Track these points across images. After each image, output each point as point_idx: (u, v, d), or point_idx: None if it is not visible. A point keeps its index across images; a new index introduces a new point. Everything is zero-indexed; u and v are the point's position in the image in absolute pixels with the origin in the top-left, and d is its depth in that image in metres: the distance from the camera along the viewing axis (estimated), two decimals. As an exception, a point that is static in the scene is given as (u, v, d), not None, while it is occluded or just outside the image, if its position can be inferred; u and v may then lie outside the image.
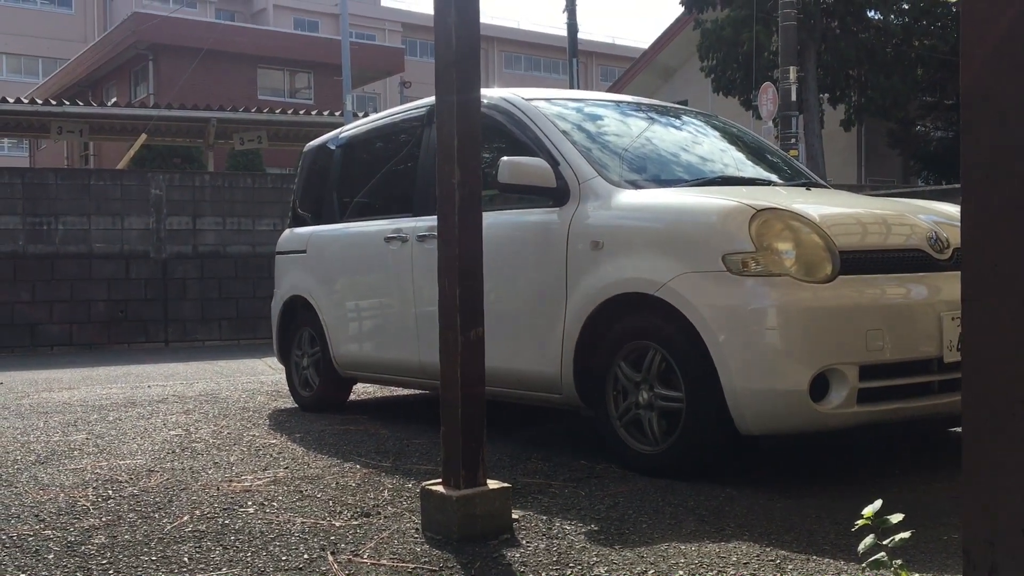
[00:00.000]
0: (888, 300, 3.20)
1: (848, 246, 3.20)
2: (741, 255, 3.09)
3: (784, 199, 3.45)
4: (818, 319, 3.06)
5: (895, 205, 3.79)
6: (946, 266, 3.38)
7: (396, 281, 4.59)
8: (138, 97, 26.94)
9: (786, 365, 3.04)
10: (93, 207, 12.58)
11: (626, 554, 2.49)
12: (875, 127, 25.08)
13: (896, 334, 3.15)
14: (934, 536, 2.61)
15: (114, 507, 3.06)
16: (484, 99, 3.93)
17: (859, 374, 3.08)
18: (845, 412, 3.07)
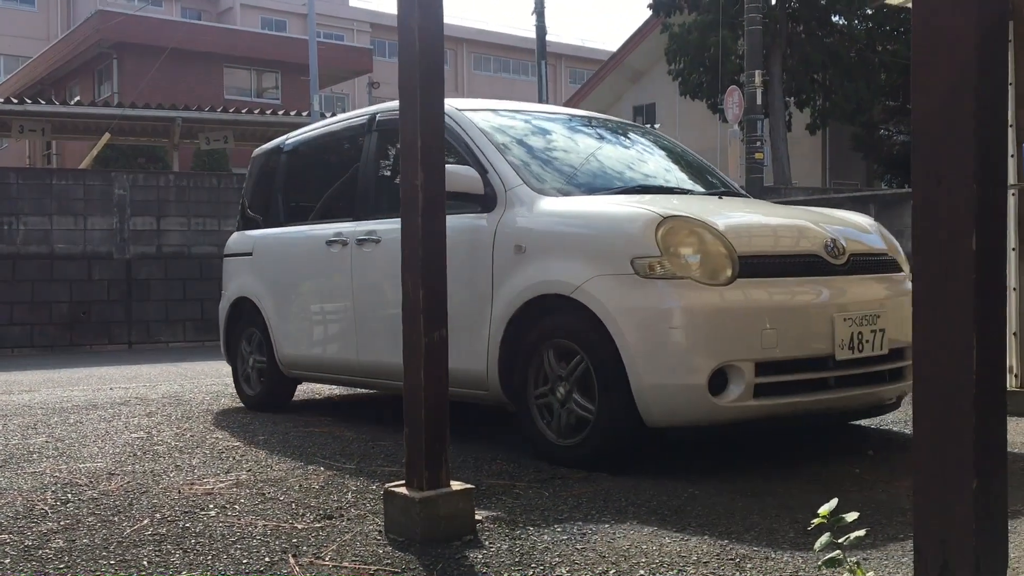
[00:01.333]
0: (782, 301, 3.42)
1: (748, 251, 3.41)
2: (648, 259, 3.31)
3: (693, 207, 3.65)
4: (716, 319, 3.28)
5: (801, 213, 4.00)
6: (841, 270, 3.60)
7: (336, 283, 4.73)
8: (102, 96, 26.59)
9: (686, 361, 3.26)
10: (55, 207, 12.42)
11: (588, 554, 2.50)
12: (840, 131, 25.39)
13: (789, 333, 3.37)
14: (890, 534, 2.65)
15: (73, 511, 3.03)
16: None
17: (755, 370, 3.30)
18: (743, 405, 3.30)
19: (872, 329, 3.57)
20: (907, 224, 6.66)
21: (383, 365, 4.42)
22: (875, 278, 3.78)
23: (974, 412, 1.43)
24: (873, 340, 3.57)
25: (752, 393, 3.31)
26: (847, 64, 22.31)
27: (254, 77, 28.74)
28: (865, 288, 3.67)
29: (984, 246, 1.44)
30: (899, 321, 3.68)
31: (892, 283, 3.84)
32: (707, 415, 3.32)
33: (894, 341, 3.67)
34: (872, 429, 4.41)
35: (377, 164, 4.68)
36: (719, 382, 3.29)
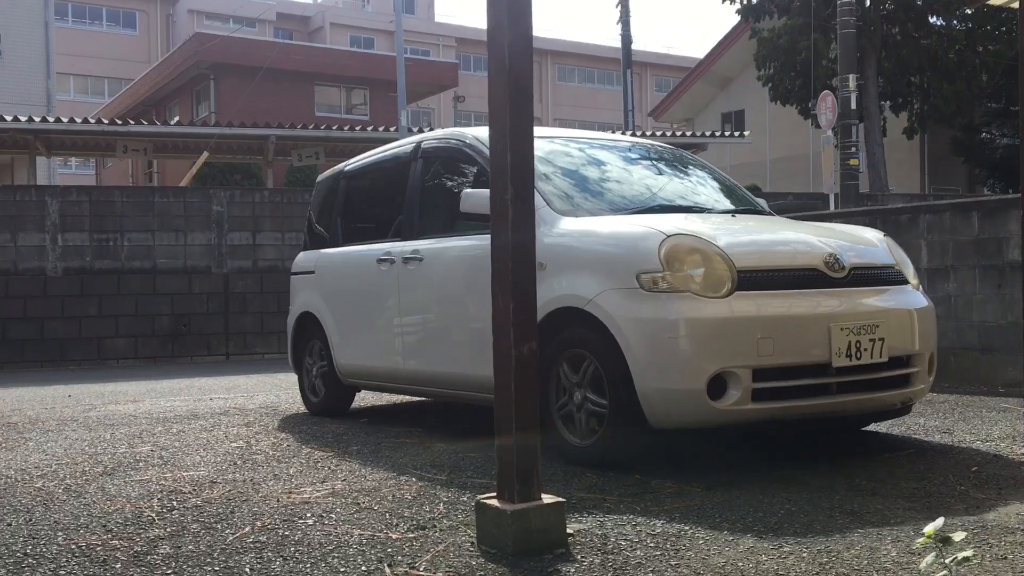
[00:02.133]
0: (778, 312, 3.63)
1: (747, 266, 3.67)
2: (651, 274, 3.60)
3: (700, 226, 3.90)
4: (715, 328, 3.54)
5: (809, 230, 4.23)
6: (841, 283, 3.82)
7: (385, 298, 5.16)
8: (200, 115, 27.57)
9: (686, 368, 3.52)
10: (157, 223, 12.90)
11: (682, 571, 2.47)
12: (939, 135, 24.55)
13: (785, 341, 3.60)
14: (998, 554, 2.55)
15: (178, 518, 3.13)
16: (460, 137, 4.96)
17: (752, 376, 3.54)
18: (741, 409, 3.55)
19: (871, 338, 3.74)
20: (1012, 232, 6.40)
21: (425, 372, 4.88)
22: (877, 290, 3.96)
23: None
24: (872, 348, 3.74)
25: (750, 397, 3.54)
26: (946, 66, 21.58)
27: (343, 94, 29.39)
28: (865, 299, 3.85)
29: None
30: (900, 330, 3.89)
31: (895, 295, 4.02)
32: (706, 418, 3.56)
33: (894, 349, 3.84)
34: (977, 447, 4.25)
35: (421, 188, 5.11)
36: (718, 387, 3.52)
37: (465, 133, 4.95)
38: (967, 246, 6.72)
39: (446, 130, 5.27)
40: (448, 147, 5.02)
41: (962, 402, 5.73)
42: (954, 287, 6.79)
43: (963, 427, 4.77)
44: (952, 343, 6.78)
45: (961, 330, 6.73)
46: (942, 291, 6.86)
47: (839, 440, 4.43)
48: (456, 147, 4.93)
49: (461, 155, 4.87)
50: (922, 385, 4.11)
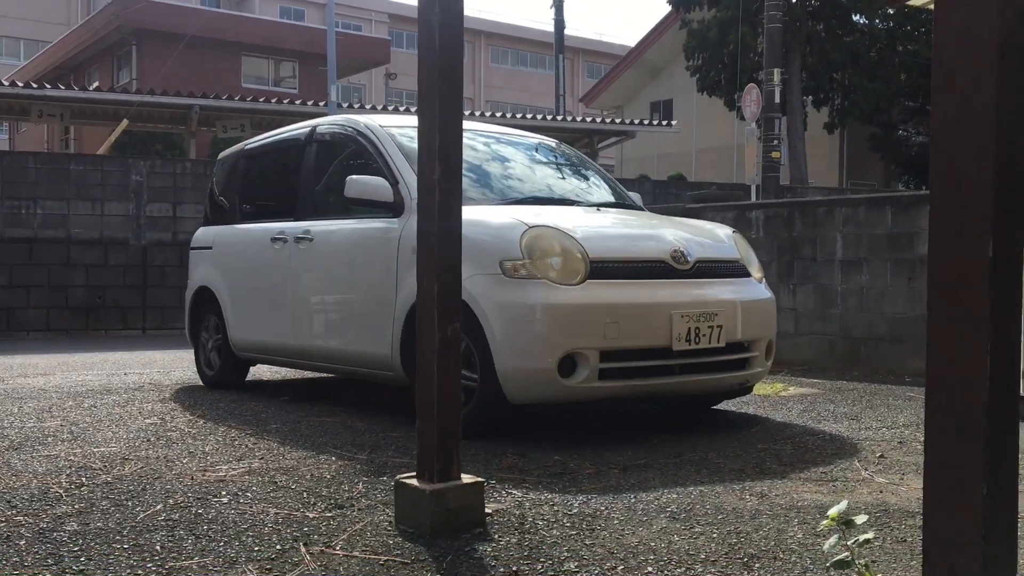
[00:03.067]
0: (625, 300, 3.97)
1: (600, 257, 4.00)
2: (513, 261, 3.92)
3: (563, 218, 4.21)
4: (566, 313, 3.86)
5: (663, 224, 4.60)
6: (685, 275, 4.20)
7: (277, 276, 5.36)
8: (120, 82, 26.72)
9: (539, 349, 3.85)
10: (72, 192, 12.49)
11: (597, 550, 2.51)
12: (858, 131, 25.26)
13: (630, 326, 3.93)
14: (899, 537, 2.65)
15: (87, 495, 3.06)
16: (353, 124, 5.12)
17: (600, 357, 3.88)
18: (589, 386, 3.90)
19: (710, 325, 4.12)
20: (923, 227, 6.63)
21: (312, 348, 5.11)
22: (719, 282, 4.34)
23: (986, 417, 1.44)
24: (711, 335, 4.12)
25: (597, 376, 3.89)
26: (867, 64, 22.18)
27: (272, 66, 28.82)
28: (706, 290, 4.24)
29: (1001, 252, 1.44)
30: (738, 319, 4.26)
31: (736, 287, 4.40)
32: (558, 394, 3.92)
33: (732, 336, 4.22)
34: (882, 435, 4.40)
35: (315, 171, 5.31)
36: (568, 366, 3.86)
37: (358, 120, 5.12)
38: (880, 240, 6.94)
39: (340, 116, 5.43)
40: (341, 133, 5.20)
41: (870, 390, 5.93)
42: (867, 279, 7.01)
43: (870, 415, 4.94)
44: (863, 334, 7.01)
45: (872, 321, 6.96)
46: (855, 283, 7.08)
47: (750, 425, 4.55)
48: (349, 133, 5.10)
49: (353, 141, 5.04)
50: (759, 369, 4.50)
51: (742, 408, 5.12)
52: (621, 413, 4.93)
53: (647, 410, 5.03)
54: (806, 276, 7.40)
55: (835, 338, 7.20)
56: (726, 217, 8.02)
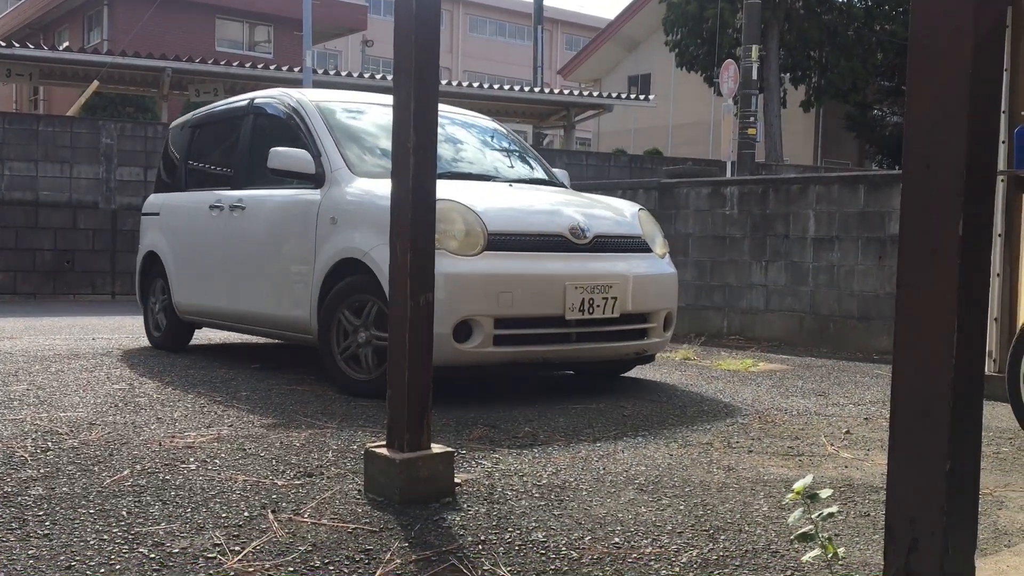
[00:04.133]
0: (519, 271, 4.19)
1: (499, 230, 4.22)
2: None
3: (469, 192, 4.41)
4: (462, 282, 4.08)
5: (570, 199, 4.80)
6: (582, 249, 4.40)
7: (214, 242, 5.56)
8: (91, 43, 26.21)
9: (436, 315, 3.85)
10: (41, 153, 12.29)
11: (564, 520, 2.53)
12: (834, 109, 25.36)
13: (523, 296, 4.15)
14: (862, 511, 2.69)
15: (53, 459, 3.03)
16: (286, 98, 5.28)
17: (494, 324, 4.12)
18: (484, 351, 4.14)
19: (604, 297, 4.34)
20: (895, 207, 6.68)
21: (244, 312, 5.32)
22: (616, 256, 4.55)
23: (951, 395, 1.45)
24: (605, 306, 4.34)
25: (492, 342, 4.14)
26: (844, 42, 22.23)
27: (246, 30, 28.38)
28: (602, 264, 4.44)
29: (971, 231, 1.45)
30: (634, 292, 4.48)
31: (634, 261, 4.62)
32: (454, 358, 4.11)
33: (627, 307, 4.44)
34: (849, 411, 4.46)
35: (251, 142, 5.47)
36: (463, 332, 4.09)
37: (291, 94, 5.31)
38: (853, 218, 7.00)
39: (277, 89, 5.56)
40: (276, 106, 5.36)
41: (838, 367, 6.00)
42: (838, 257, 7.06)
43: (838, 391, 5.00)
44: (833, 311, 7.08)
45: (842, 299, 7.03)
46: (826, 261, 7.13)
47: (720, 400, 4.59)
48: (282, 107, 5.27)
49: (285, 115, 5.21)
50: (657, 339, 4.73)
51: (712, 383, 5.17)
52: (596, 388, 4.96)
53: (622, 386, 5.06)
54: (778, 253, 7.45)
55: (805, 315, 7.26)
56: (701, 193, 8.05)
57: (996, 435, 3.86)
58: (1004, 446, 3.68)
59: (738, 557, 2.28)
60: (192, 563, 2.15)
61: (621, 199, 5.34)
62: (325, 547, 2.28)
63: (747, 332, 7.63)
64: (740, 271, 7.71)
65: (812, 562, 2.19)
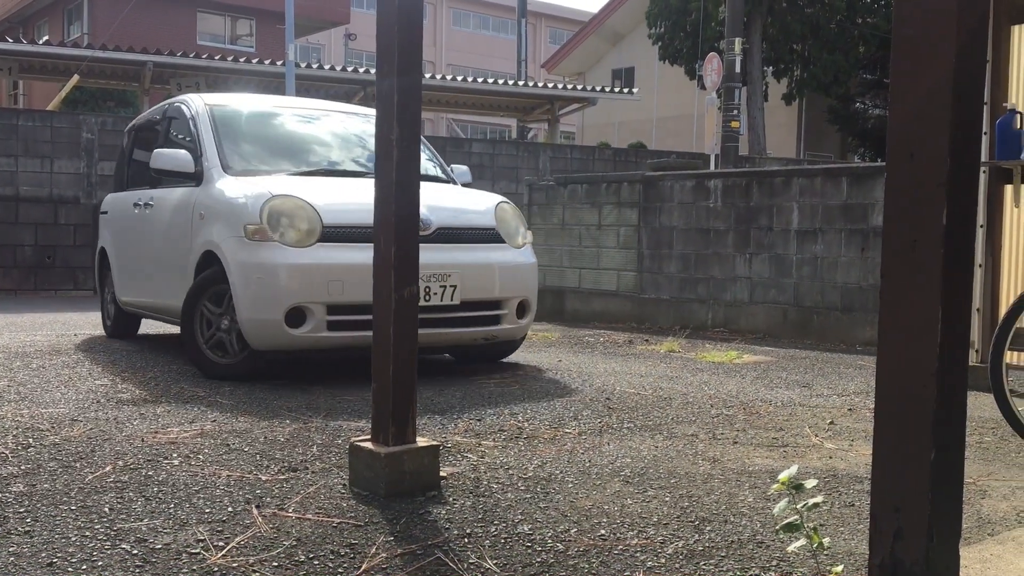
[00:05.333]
0: (351, 260, 4.40)
1: (334, 223, 4.50)
2: (253, 226, 4.47)
3: (314, 187, 4.70)
4: (294, 271, 4.40)
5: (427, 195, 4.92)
6: (424, 239, 4.64)
7: (135, 238, 6.01)
8: (71, 36, 25.97)
9: (269, 302, 4.40)
10: (21, 148, 12.16)
11: (550, 513, 2.53)
12: (816, 102, 25.44)
13: (354, 284, 4.36)
14: (847, 501, 2.70)
15: (34, 456, 3.00)
16: (183, 102, 5.70)
17: (327, 310, 4.40)
18: (317, 336, 4.43)
19: (442, 285, 4.58)
20: (877, 198, 6.71)
21: (156, 303, 5.67)
22: (460, 247, 4.78)
23: (935, 384, 1.46)
24: (442, 293, 4.58)
25: (325, 327, 4.42)
26: (826, 35, 22.30)
27: (228, 23, 28.19)
28: (440, 254, 4.61)
29: (954, 222, 1.45)
30: (477, 280, 4.75)
31: (481, 251, 4.86)
32: (288, 342, 4.43)
33: (469, 295, 4.68)
34: (833, 402, 4.47)
35: (163, 144, 5.74)
36: (296, 318, 4.38)
37: (186, 99, 5.69)
38: (835, 210, 7.02)
39: (189, 95, 5.84)
40: (182, 109, 5.69)
41: (822, 359, 6.02)
42: (821, 249, 7.09)
43: (822, 382, 5.02)
44: (816, 303, 7.11)
45: (825, 291, 7.06)
46: (810, 253, 7.16)
47: (704, 392, 4.60)
48: (180, 111, 5.67)
49: (182, 117, 5.60)
50: (510, 326, 4.97)
51: (697, 375, 5.18)
52: (584, 381, 4.96)
53: (609, 379, 5.06)
54: (762, 245, 7.47)
55: (789, 307, 7.29)
56: (685, 186, 8.05)
57: (979, 425, 3.89)
58: (987, 436, 3.71)
59: (724, 548, 2.28)
60: (175, 559, 2.13)
61: (490, 194, 5.51)
62: (310, 542, 2.27)
63: (731, 324, 7.65)
64: (724, 264, 7.73)
65: (798, 552, 2.20)
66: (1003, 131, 4.43)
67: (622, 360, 5.83)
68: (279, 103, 5.99)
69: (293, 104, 6.07)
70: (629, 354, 6.16)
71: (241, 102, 5.78)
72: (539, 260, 9.48)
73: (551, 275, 9.10)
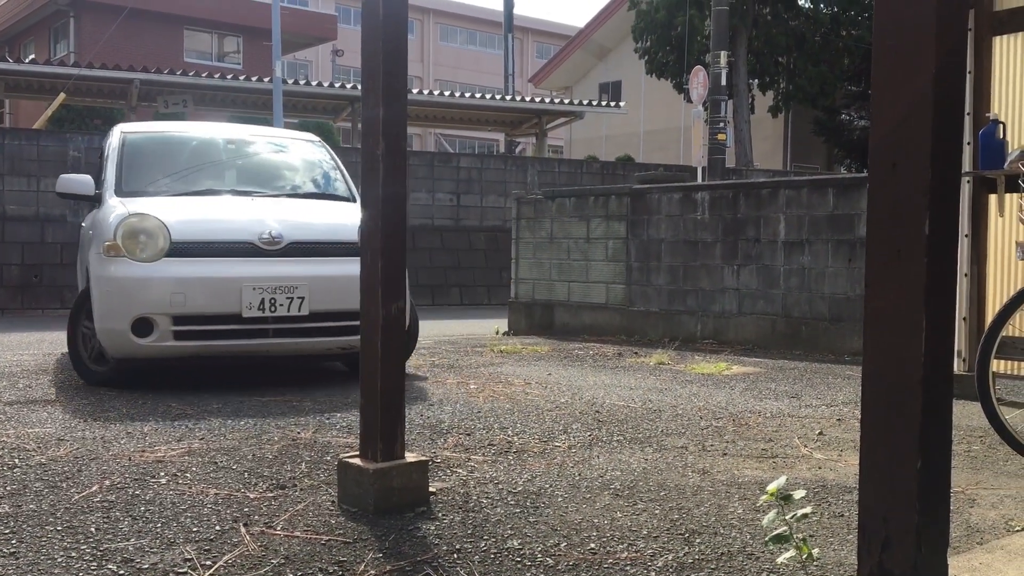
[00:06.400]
0: (192, 274, 4.72)
1: (185, 239, 4.78)
2: (109, 243, 4.79)
3: (167, 207, 4.99)
4: (136, 285, 4.69)
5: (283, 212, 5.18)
6: (270, 255, 4.88)
7: (81, 256, 6.20)
8: (58, 55, 25.94)
9: (117, 313, 4.70)
10: (7, 167, 12.13)
11: (540, 527, 2.52)
12: (802, 114, 25.60)
13: (198, 296, 4.68)
14: (836, 511, 2.70)
15: (20, 476, 2.98)
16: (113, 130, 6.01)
17: (173, 321, 4.67)
18: (163, 345, 4.70)
19: (289, 297, 4.80)
20: (863, 209, 6.72)
21: None
22: (313, 261, 4.96)
23: (921, 393, 1.46)
24: (290, 305, 4.79)
25: (172, 337, 4.68)
26: (811, 48, 22.46)
27: (215, 41, 28.21)
28: (289, 268, 4.86)
29: (937, 231, 1.46)
30: (329, 292, 4.89)
31: (336, 265, 4.98)
32: (137, 351, 4.70)
33: (320, 306, 4.86)
34: (822, 412, 4.48)
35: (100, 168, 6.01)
36: (143, 328, 4.66)
37: (118, 127, 6.03)
38: (822, 221, 7.05)
39: (124, 124, 6.20)
40: (108, 136, 6.05)
41: (811, 369, 6.04)
42: (809, 260, 7.12)
43: (810, 393, 5.03)
44: (804, 313, 7.13)
45: (813, 301, 7.08)
46: (797, 263, 7.18)
47: (694, 403, 4.60)
48: (107, 138, 6.02)
49: (106, 145, 5.92)
50: None
51: (686, 387, 5.18)
52: (574, 395, 4.95)
53: (597, 392, 5.06)
54: (749, 256, 7.50)
55: (777, 318, 7.31)
56: (672, 198, 8.08)
57: (967, 433, 3.90)
58: (975, 444, 3.71)
59: (714, 560, 2.28)
60: (162, 579, 2.11)
61: (345, 205, 5.62)
62: (298, 560, 2.25)
63: (720, 336, 7.66)
64: (712, 275, 7.75)
65: (787, 563, 2.19)
66: (986, 141, 4.46)
67: (612, 373, 5.83)
68: (196, 129, 6.37)
69: (208, 130, 6.35)
70: (619, 367, 6.16)
71: (158, 130, 6.19)
72: (528, 274, 9.53)
73: (540, 288, 9.10)
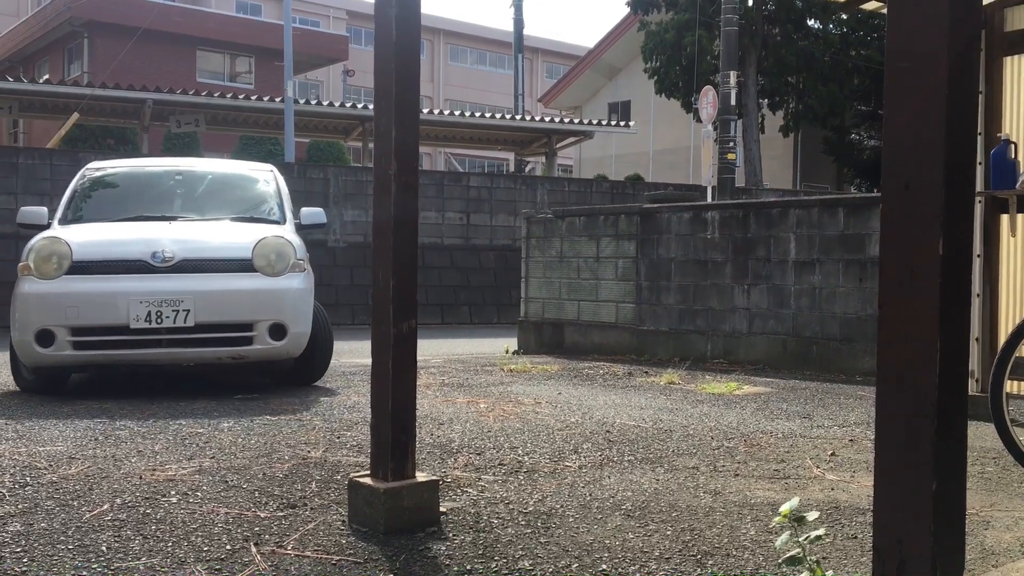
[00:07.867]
0: (85, 290, 5.21)
1: (84, 258, 5.29)
2: (22, 263, 5.35)
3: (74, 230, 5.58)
4: (38, 300, 5.21)
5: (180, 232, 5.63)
6: (160, 271, 5.32)
7: None
8: (71, 75, 26.18)
9: (23, 326, 5.20)
10: (21, 186, 12.22)
11: (551, 548, 2.51)
12: (812, 134, 25.60)
13: (90, 309, 5.18)
14: (849, 533, 2.68)
15: (31, 494, 2.98)
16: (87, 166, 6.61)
17: (71, 332, 5.16)
18: (63, 354, 5.18)
19: (175, 309, 5.20)
20: (874, 229, 6.72)
21: None
22: (201, 276, 5.35)
23: (936, 415, 1.45)
24: (175, 317, 5.20)
25: (71, 347, 5.17)
26: (821, 68, 22.50)
27: (227, 61, 28.44)
28: (176, 283, 5.27)
29: (951, 251, 1.46)
30: (215, 304, 5.30)
31: (225, 279, 5.40)
32: (41, 360, 5.21)
33: (206, 318, 5.25)
34: (834, 432, 4.45)
35: None
36: (46, 339, 5.14)
37: (92, 163, 6.59)
38: (833, 241, 7.04)
39: (91, 163, 6.71)
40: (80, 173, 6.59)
41: (822, 389, 6.01)
42: (819, 279, 7.10)
43: (822, 413, 5.00)
44: (815, 333, 7.10)
45: (824, 321, 7.05)
46: (808, 283, 7.17)
47: (705, 424, 4.58)
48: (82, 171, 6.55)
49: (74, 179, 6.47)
50: (262, 346, 5.43)
51: (698, 407, 5.16)
52: (584, 414, 4.94)
53: (611, 411, 5.04)
54: (760, 276, 7.48)
55: (788, 338, 7.28)
56: (682, 218, 8.08)
57: (981, 455, 3.87)
58: (989, 466, 3.69)
59: (726, 582, 2.26)
60: (173, 598, 2.11)
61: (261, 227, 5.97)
62: (309, 579, 2.24)
63: (731, 355, 7.64)
64: (723, 295, 7.73)
65: (801, 586, 2.18)
66: (998, 161, 4.46)
67: (622, 392, 5.81)
68: (156, 164, 6.94)
69: (167, 164, 6.86)
70: (629, 386, 6.15)
71: (120, 166, 6.69)
72: (538, 293, 9.53)
73: (549, 307, 9.10)
